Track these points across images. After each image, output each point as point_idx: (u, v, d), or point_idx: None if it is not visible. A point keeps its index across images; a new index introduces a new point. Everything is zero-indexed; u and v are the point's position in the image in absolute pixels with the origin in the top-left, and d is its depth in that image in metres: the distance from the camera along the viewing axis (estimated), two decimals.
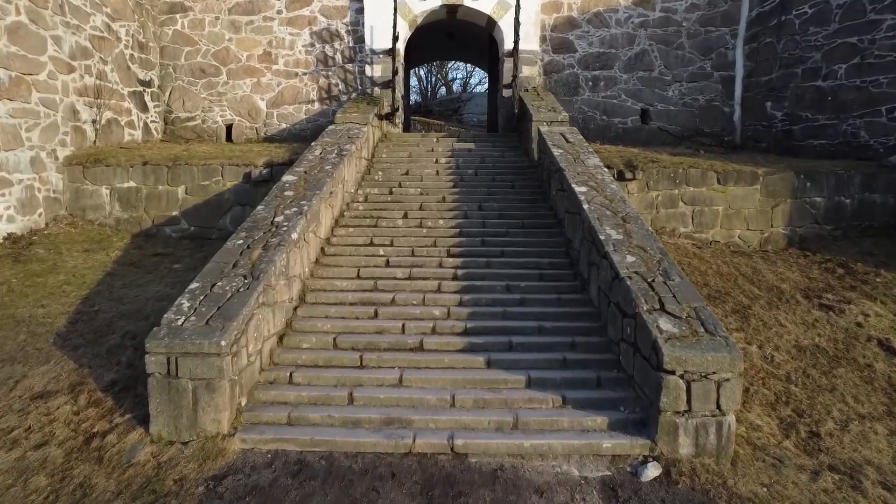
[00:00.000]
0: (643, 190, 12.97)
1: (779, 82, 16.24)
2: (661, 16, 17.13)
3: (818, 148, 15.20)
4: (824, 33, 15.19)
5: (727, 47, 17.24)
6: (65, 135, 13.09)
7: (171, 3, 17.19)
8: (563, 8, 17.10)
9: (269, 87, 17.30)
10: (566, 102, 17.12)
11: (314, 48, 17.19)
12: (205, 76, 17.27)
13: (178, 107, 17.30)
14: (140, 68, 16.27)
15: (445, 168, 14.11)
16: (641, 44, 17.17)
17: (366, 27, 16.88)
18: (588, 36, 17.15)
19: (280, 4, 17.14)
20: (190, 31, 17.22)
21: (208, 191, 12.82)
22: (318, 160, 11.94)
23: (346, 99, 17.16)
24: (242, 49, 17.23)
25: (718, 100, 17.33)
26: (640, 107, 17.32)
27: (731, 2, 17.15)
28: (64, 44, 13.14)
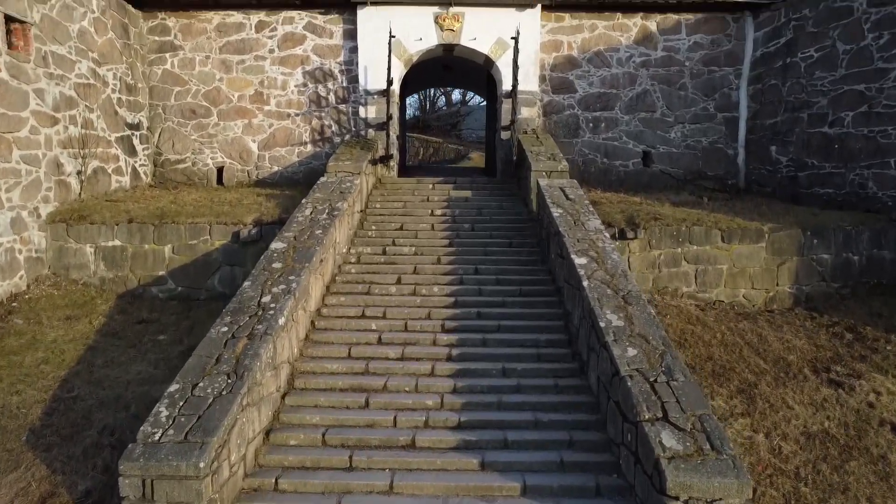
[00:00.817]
0: (645, 249, 12.67)
1: (784, 126, 15.94)
2: (664, 55, 16.83)
3: (825, 197, 14.90)
4: (831, 79, 14.89)
5: (731, 88, 16.94)
6: (48, 191, 12.79)
7: (160, 42, 16.89)
8: (562, 47, 16.80)
9: (260, 129, 16.99)
10: (566, 144, 16.83)
11: (307, 88, 16.89)
12: (195, 117, 16.96)
13: (168, 149, 16.99)
14: (128, 111, 15.97)
15: (441, 222, 13.80)
16: (643, 84, 16.87)
17: (360, 67, 16.58)
18: (589, 76, 16.85)
19: (272, 43, 16.84)
20: (180, 70, 16.92)
21: (196, 250, 12.51)
22: (309, 222, 11.63)
23: (340, 141, 16.85)
24: (233, 89, 16.92)
25: (722, 142, 17.03)
26: (641, 149, 17.02)
27: (734, 41, 16.85)
28: (47, 96, 12.83)
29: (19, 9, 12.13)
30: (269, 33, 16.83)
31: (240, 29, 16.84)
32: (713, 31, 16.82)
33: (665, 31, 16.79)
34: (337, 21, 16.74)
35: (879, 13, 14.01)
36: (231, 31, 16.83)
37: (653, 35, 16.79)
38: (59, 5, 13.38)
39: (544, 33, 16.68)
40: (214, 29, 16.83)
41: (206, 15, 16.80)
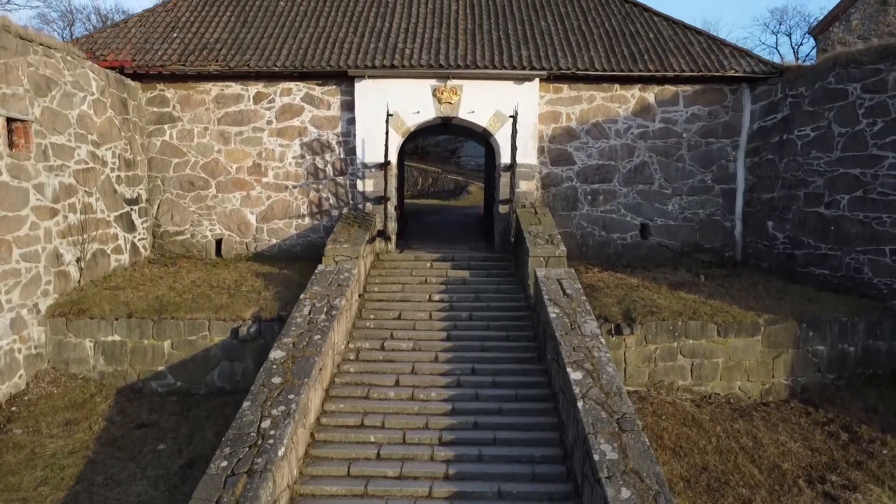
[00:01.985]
0: (641, 343, 12.91)
1: (780, 202, 16.21)
2: (662, 126, 17.10)
3: (821, 277, 15.16)
4: (826, 159, 15.16)
5: (728, 159, 17.21)
6: (47, 284, 13.03)
7: (159, 114, 17.14)
8: (561, 118, 17.06)
9: (258, 201, 17.25)
10: (564, 218, 17.09)
11: (304, 160, 17.14)
12: (193, 189, 17.21)
13: (167, 221, 17.25)
14: (127, 187, 16.22)
15: (439, 309, 14.05)
16: (641, 155, 17.14)
17: (357, 139, 16.84)
18: (587, 147, 17.11)
19: (270, 114, 17.10)
20: (178, 142, 17.18)
21: (195, 346, 12.76)
22: (307, 324, 11.86)
23: (338, 214, 17.11)
24: (232, 161, 17.18)
25: (719, 214, 17.29)
26: (639, 221, 17.28)
27: (732, 112, 17.12)
28: (47, 189, 13.08)
29: (21, 108, 12.39)
30: (267, 105, 17.09)
31: (238, 100, 17.09)
32: (710, 102, 17.09)
33: (663, 102, 17.05)
34: (335, 92, 17.00)
35: (873, 100, 14.28)
36: (229, 103, 17.09)
37: (651, 106, 17.06)
38: (59, 95, 13.64)
39: (542, 104, 16.95)
40: (213, 100, 17.09)
41: (204, 86, 17.06)
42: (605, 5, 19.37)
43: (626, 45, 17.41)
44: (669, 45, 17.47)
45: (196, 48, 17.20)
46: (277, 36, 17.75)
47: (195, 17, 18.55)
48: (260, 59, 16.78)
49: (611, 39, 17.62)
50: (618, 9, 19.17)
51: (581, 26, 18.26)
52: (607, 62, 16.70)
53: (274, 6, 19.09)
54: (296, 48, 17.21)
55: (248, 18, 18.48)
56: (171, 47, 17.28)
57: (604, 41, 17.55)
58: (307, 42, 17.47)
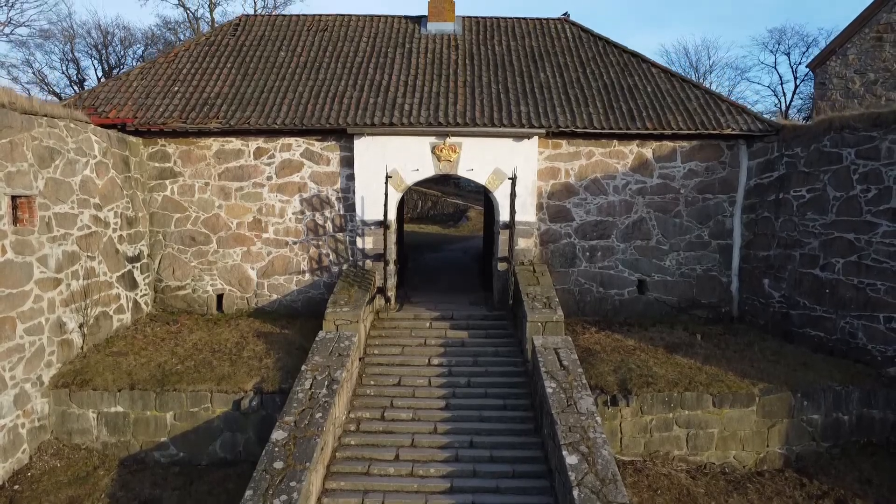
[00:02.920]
0: (637, 415, 13.22)
1: (776, 261, 16.52)
2: (659, 182, 17.42)
3: (816, 339, 15.46)
4: (822, 222, 15.48)
5: (725, 215, 17.53)
6: (51, 354, 13.34)
7: (160, 169, 17.46)
8: (560, 174, 17.37)
9: (259, 257, 17.56)
10: (562, 274, 17.41)
11: (304, 216, 17.46)
12: (195, 244, 17.52)
13: (168, 275, 17.55)
14: (129, 245, 16.53)
15: (438, 374, 14.38)
16: (639, 211, 17.45)
17: (357, 196, 17.16)
18: (586, 204, 17.42)
19: (270, 170, 17.41)
20: (179, 197, 17.48)
21: (198, 417, 13.06)
22: (308, 400, 12.16)
23: (338, 271, 17.44)
24: (232, 216, 17.49)
25: (716, 269, 17.61)
26: (636, 277, 17.60)
27: (729, 168, 17.44)
28: (50, 260, 13.39)
29: (25, 183, 12.70)
30: (267, 160, 17.40)
31: (239, 155, 17.41)
32: (708, 158, 17.40)
33: (661, 158, 17.37)
34: (334, 148, 17.32)
35: (867, 167, 14.59)
36: (230, 158, 17.41)
37: (649, 162, 17.38)
38: (62, 164, 13.95)
39: (542, 160, 17.26)
40: (214, 155, 17.41)
41: (205, 141, 17.38)
42: (603, 55, 19.69)
43: (625, 99, 17.74)
44: (667, 99, 17.79)
45: (197, 104, 17.52)
46: (278, 89, 18.07)
47: (196, 69, 18.87)
48: (260, 115, 17.09)
49: (609, 94, 17.94)
50: (616, 59, 19.49)
51: (580, 78, 18.58)
52: (605, 119, 17.02)
53: (274, 57, 19.42)
54: (296, 103, 17.53)
55: (249, 70, 18.80)
56: (173, 102, 17.59)
57: (602, 96, 17.87)
58: (307, 96, 17.79)
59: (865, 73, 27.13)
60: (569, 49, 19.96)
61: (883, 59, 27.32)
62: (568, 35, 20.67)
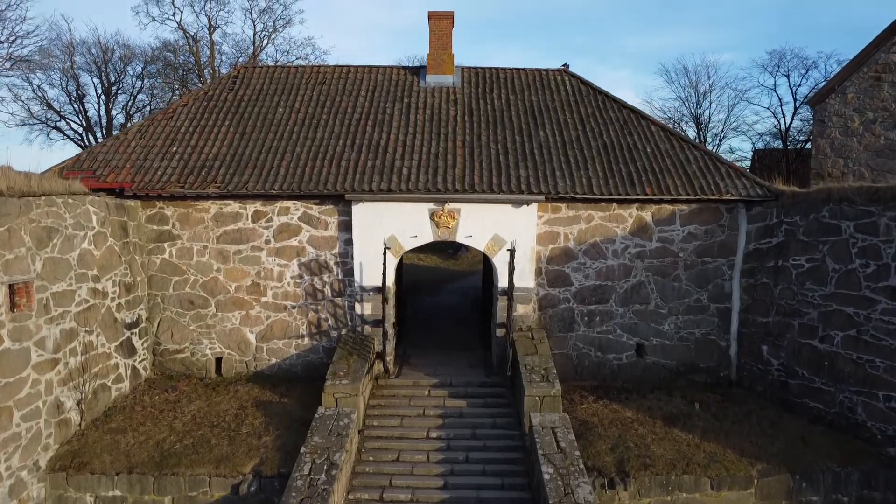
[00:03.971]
0: (635, 497, 13.27)
1: (775, 328, 16.58)
2: (658, 246, 17.46)
3: (814, 411, 15.52)
4: (821, 293, 15.52)
5: (724, 279, 17.58)
6: (48, 437, 13.41)
7: (158, 232, 17.51)
8: (559, 238, 17.42)
9: (258, 320, 17.61)
10: (561, 339, 17.46)
11: (303, 280, 17.51)
12: (193, 307, 17.57)
13: (167, 339, 17.61)
14: (127, 311, 16.59)
15: (436, 449, 14.53)
16: (638, 275, 17.49)
17: (355, 262, 17.23)
18: (584, 268, 17.47)
19: (268, 233, 17.46)
20: (178, 260, 17.54)
21: (196, 502, 13.14)
22: (307, 488, 12.24)
23: (337, 335, 17.51)
24: (231, 280, 17.54)
25: (715, 333, 17.65)
26: (635, 341, 17.64)
27: (728, 231, 17.49)
28: (48, 341, 13.46)
29: (23, 268, 12.77)
30: (265, 223, 17.46)
31: (237, 218, 17.45)
32: (707, 221, 17.45)
33: (660, 221, 17.41)
34: (332, 212, 17.36)
35: (866, 241, 14.65)
36: (228, 221, 17.46)
37: (648, 226, 17.42)
38: (60, 243, 14.01)
39: (541, 224, 17.32)
40: (212, 218, 17.46)
41: (203, 204, 17.43)
42: (602, 111, 19.74)
43: (624, 161, 17.79)
44: (666, 161, 17.84)
45: (195, 166, 17.58)
46: (275, 150, 18.13)
47: (195, 127, 18.92)
48: (258, 180, 17.15)
49: (609, 155, 17.99)
50: (615, 115, 19.54)
51: (580, 137, 18.63)
52: (605, 185, 17.06)
53: (272, 114, 19.47)
54: (293, 165, 17.59)
55: (247, 129, 18.85)
56: (171, 165, 17.65)
57: (602, 157, 17.92)
58: (305, 157, 17.85)
59: (864, 112, 27.20)
60: (568, 104, 20.01)
61: (882, 98, 27.38)
62: (568, 88, 20.71)
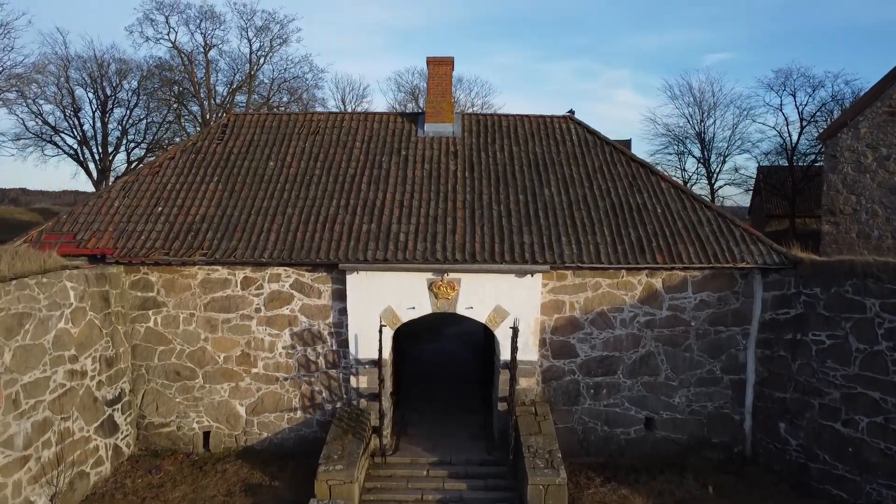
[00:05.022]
0: None
1: (793, 405, 15.61)
2: (669, 314, 16.47)
3: (838, 499, 14.59)
4: (843, 373, 14.55)
5: (738, 349, 16.59)
6: None
7: (143, 298, 16.54)
8: (564, 307, 16.42)
9: (248, 392, 16.66)
10: (565, 413, 16.50)
11: (295, 351, 16.54)
12: (180, 379, 16.62)
13: (152, 411, 16.67)
14: (108, 388, 15.66)
15: None
16: (647, 345, 16.51)
17: (350, 333, 16.28)
18: (591, 338, 16.48)
19: (258, 301, 16.49)
20: (163, 328, 16.58)
21: None
22: None
23: (331, 409, 16.58)
24: (219, 350, 16.59)
25: (728, 407, 16.66)
26: (644, 415, 16.67)
27: (742, 298, 16.50)
28: (17, 438, 12.54)
29: None
30: (255, 291, 16.49)
31: (225, 285, 16.48)
32: (720, 288, 16.45)
33: (671, 288, 16.42)
34: (325, 280, 16.39)
35: (893, 322, 13.63)
36: (216, 288, 16.49)
37: (658, 293, 16.43)
38: (33, 328, 13.09)
39: (545, 292, 16.34)
40: (199, 284, 16.49)
41: (189, 270, 16.48)
42: (610, 164, 18.71)
43: (633, 225, 16.78)
44: (678, 224, 16.83)
45: (181, 230, 16.61)
46: (266, 210, 17.15)
47: (181, 184, 17.94)
48: (247, 246, 16.18)
49: (617, 217, 16.98)
50: (623, 170, 18.50)
51: (586, 196, 17.60)
52: (614, 252, 16.06)
53: (263, 168, 18.48)
54: (284, 228, 16.62)
55: (236, 186, 17.86)
56: (156, 228, 16.69)
57: (610, 219, 16.90)
58: (296, 220, 16.86)
59: (878, 148, 26.24)
60: (574, 157, 18.96)
61: None
62: (573, 138, 19.66)
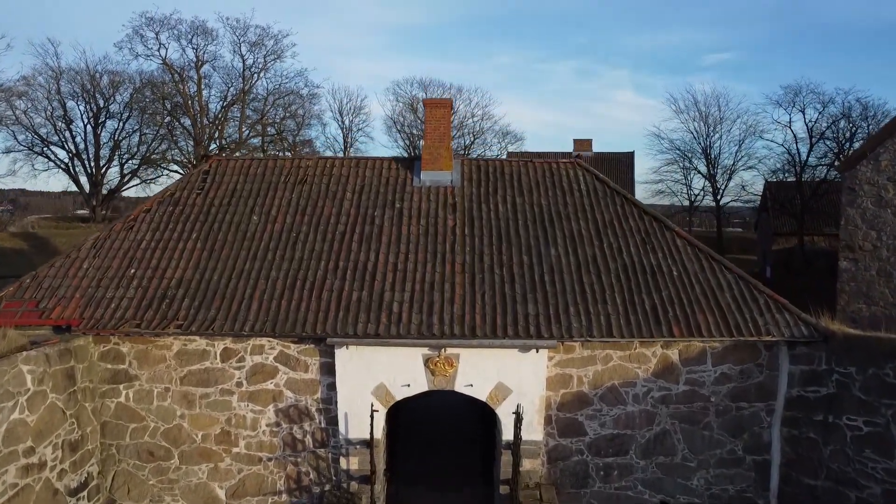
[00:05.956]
0: None
1: (825, 495, 14.22)
2: (686, 389, 15.03)
3: None
4: (885, 466, 13.14)
5: (762, 426, 15.16)
6: None
7: (113, 371, 15.13)
8: (572, 382, 14.99)
9: (228, 474, 15.25)
10: (573, 496, 15.11)
11: (280, 428, 15.12)
12: (153, 459, 15.21)
13: (123, 495, 15.29)
14: (73, 474, 14.22)
15: None
16: (662, 423, 15.09)
17: (339, 411, 14.86)
18: (600, 415, 15.05)
19: (239, 375, 15.07)
20: (136, 404, 15.16)
21: None
22: None
23: (319, 492, 15.17)
24: (197, 428, 15.16)
25: (751, 490, 15.25)
26: (659, 499, 15.27)
27: (766, 371, 15.06)
28: None
29: None
30: (236, 363, 15.06)
31: (203, 357, 15.05)
32: (742, 360, 15.00)
33: (688, 361, 14.98)
34: (312, 353, 14.96)
35: None
36: (193, 360, 15.06)
37: (674, 366, 14.99)
38: None
39: (551, 366, 14.92)
40: (174, 356, 15.06)
41: (164, 340, 15.03)
42: (621, 217, 17.19)
43: (648, 290, 15.29)
44: (696, 290, 15.34)
45: (155, 296, 15.15)
46: (248, 273, 15.67)
47: (157, 241, 16.45)
48: (227, 317, 14.70)
49: (630, 281, 15.48)
50: (636, 224, 16.99)
51: (596, 256, 16.10)
52: (626, 324, 14.57)
53: (246, 223, 16.96)
54: (268, 296, 15.13)
55: (216, 245, 16.36)
56: (127, 294, 15.21)
57: (622, 284, 15.41)
58: (281, 285, 15.38)
59: None
60: (583, 209, 17.43)
61: None
62: (581, 187, 18.12)
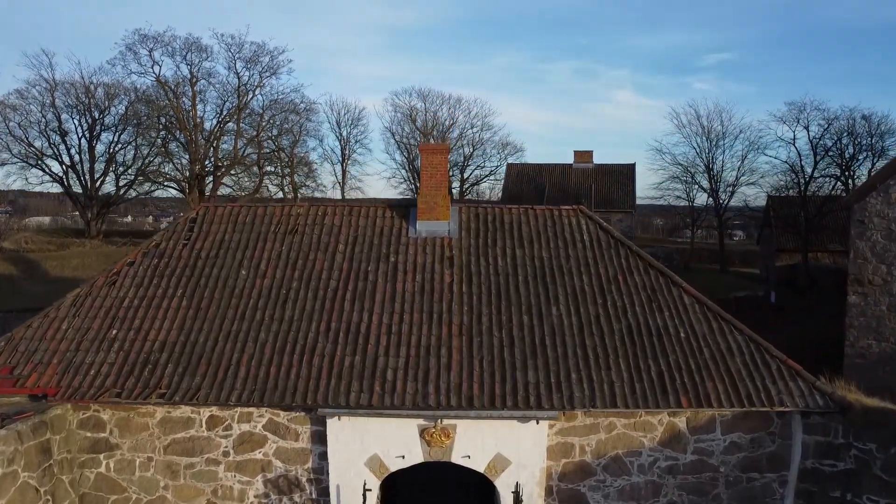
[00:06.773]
0: None
1: None
2: (694, 459, 14.29)
3: None
4: None
5: (774, 498, 14.43)
6: None
7: (93, 440, 14.37)
8: (573, 451, 14.24)
9: None
10: None
11: (269, 500, 14.40)
12: None
13: None
14: None
15: None
16: (669, 494, 14.35)
17: (331, 484, 14.11)
18: (604, 486, 14.31)
19: (226, 443, 14.31)
20: (117, 475, 14.41)
21: None
22: None
23: None
24: (181, 499, 14.43)
25: None
26: None
27: (779, 440, 14.32)
28: None
29: None
30: (222, 432, 14.30)
31: (188, 425, 14.29)
32: (754, 428, 14.27)
33: (696, 429, 14.23)
34: (303, 420, 14.21)
35: None
36: (178, 428, 14.31)
37: (682, 435, 14.25)
38: None
39: (552, 435, 14.17)
40: (157, 424, 14.30)
41: (146, 408, 14.24)
42: (626, 272, 16.41)
43: (654, 355, 14.53)
44: (705, 354, 14.58)
45: (137, 361, 14.37)
46: (235, 335, 14.89)
47: (140, 298, 15.66)
48: (212, 385, 13.91)
49: (635, 345, 14.72)
50: (641, 279, 16.22)
51: (599, 316, 15.33)
52: (631, 393, 13.81)
53: (234, 280, 16.17)
54: (256, 361, 14.35)
55: (202, 303, 15.58)
56: (108, 359, 14.43)
57: (627, 348, 14.65)
58: (270, 349, 14.60)
59: None
60: (585, 263, 16.65)
61: None
62: (584, 238, 17.33)
